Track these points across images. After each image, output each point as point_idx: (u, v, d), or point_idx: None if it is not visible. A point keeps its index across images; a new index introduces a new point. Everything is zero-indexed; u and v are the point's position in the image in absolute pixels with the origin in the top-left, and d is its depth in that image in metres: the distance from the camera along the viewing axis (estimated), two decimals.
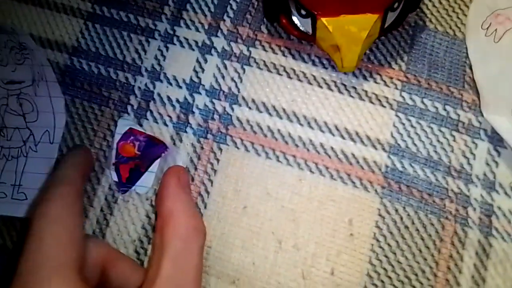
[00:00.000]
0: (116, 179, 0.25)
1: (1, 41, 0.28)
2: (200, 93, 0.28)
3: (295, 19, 0.27)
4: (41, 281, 0.19)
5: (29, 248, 0.20)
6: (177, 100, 0.27)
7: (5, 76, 0.28)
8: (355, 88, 0.27)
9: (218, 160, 0.26)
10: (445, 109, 0.27)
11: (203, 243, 0.22)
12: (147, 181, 0.25)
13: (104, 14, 0.30)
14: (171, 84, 0.28)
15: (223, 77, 0.28)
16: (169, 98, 0.28)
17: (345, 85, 0.27)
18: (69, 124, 0.27)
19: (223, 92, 0.28)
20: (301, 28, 0.27)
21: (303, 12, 0.25)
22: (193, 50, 0.28)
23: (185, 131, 0.27)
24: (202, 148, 0.26)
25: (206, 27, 0.29)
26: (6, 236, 0.26)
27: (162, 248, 0.21)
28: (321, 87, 0.27)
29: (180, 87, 0.28)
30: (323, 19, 0.25)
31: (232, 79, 0.28)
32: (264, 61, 0.28)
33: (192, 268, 0.21)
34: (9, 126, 0.27)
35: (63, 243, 0.20)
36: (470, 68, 0.28)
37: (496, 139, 0.26)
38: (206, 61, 0.28)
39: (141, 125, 0.27)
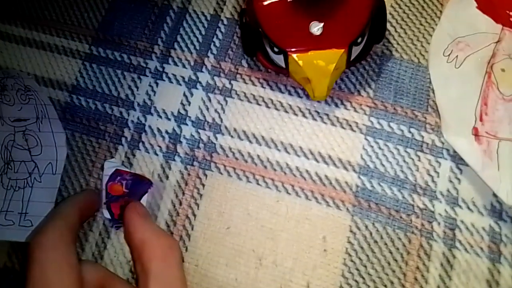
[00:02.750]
0: (109, 216, 0.28)
1: (9, 84, 0.31)
2: (187, 124, 0.30)
3: (270, 55, 0.29)
4: None
5: (33, 276, 0.22)
6: (166, 131, 0.30)
7: (12, 115, 0.31)
8: (327, 115, 0.30)
9: (203, 185, 0.29)
10: (410, 132, 0.29)
11: (180, 257, 0.24)
12: None
13: (100, 55, 0.33)
14: (161, 117, 0.31)
15: (207, 109, 0.31)
16: (159, 130, 0.30)
17: (318, 112, 0.30)
18: (70, 156, 0.30)
19: (208, 122, 0.30)
20: (275, 62, 0.29)
21: (275, 49, 0.28)
22: (180, 85, 0.31)
23: (174, 160, 0.29)
24: (189, 174, 0.29)
25: (192, 63, 0.32)
26: (15, 260, 0.28)
27: (145, 273, 0.23)
28: (296, 115, 0.30)
29: (169, 119, 0.31)
30: (294, 55, 0.27)
31: (216, 111, 0.31)
32: (244, 93, 0.31)
33: (176, 281, 0.23)
34: (16, 160, 0.30)
35: (62, 268, 0.22)
36: (433, 92, 0.30)
37: (458, 158, 0.28)
38: (192, 94, 0.31)
39: (134, 155, 0.30)
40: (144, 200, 0.28)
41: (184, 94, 0.31)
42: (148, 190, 0.28)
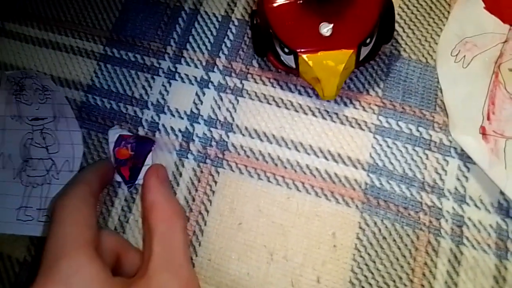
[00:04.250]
0: (120, 179, 0.29)
1: (27, 84, 0.32)
2: (199, 123, 0.31)
3: (280, 55, 0.30)
4: (65, 255, 0.22)
5: (52, 233, 0.23)
6: (179, 130, 0.31)
7: (30, 114, 0.32)
8: (336, 114, 0.30)
9: (216, 182, 0.30)
10: (418, 130, 0.30)
11: (185, 223, 0.26)
12: None
13: (115, 55, 0.34)
14: (174, 115, 0.31)
15: (219, 108, 0.31)
16: (172, 128, 0.31)
17: (327, 111, 0.31)
18: (86, 154, 0.31)
19: (220, 121, 0.31)
20: (286, 63, 0.30)
21: (286, 50, 0.29)
22: (192, 84, 0.32)
23: (187, 157, 0.30)
24: (201, 172, 0.30)
25: (204, 64, 0.33)
26: (34, 254, 0.29)
27: (150, 233, 0.25)
28: (306, 114, 0.31)
29: (182, 118, 0.31)
30: (304, 56, 0.28)
31: (227, 110, 0.31)
32: (255, 92, 0.32)
33: (179, 244, 0.24)
34: (34, 157, 0.31)
35: (80, 227, 0.24)
36: (441, 92, 0.30)
37: (465, 156, 0.29)
38: (204, 94, 0.32)
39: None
40: (149, 158, 0.30)
41: (197, 94, 0.32)
42: (152, 148, 0.30)
